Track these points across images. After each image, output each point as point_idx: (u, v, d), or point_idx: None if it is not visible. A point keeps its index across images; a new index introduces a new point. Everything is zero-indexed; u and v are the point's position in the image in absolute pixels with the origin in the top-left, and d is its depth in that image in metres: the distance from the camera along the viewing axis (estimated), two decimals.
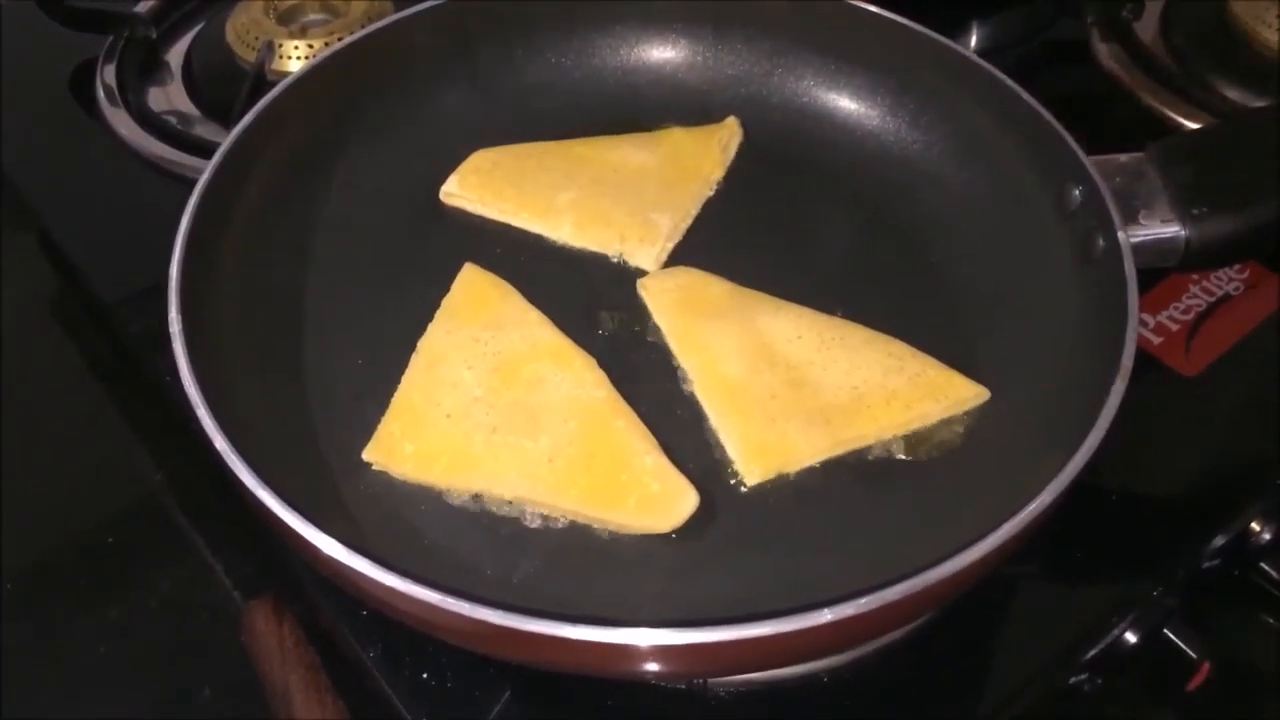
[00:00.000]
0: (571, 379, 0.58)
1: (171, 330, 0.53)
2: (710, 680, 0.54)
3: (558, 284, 0.64)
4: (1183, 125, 0.82)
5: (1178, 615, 0.61)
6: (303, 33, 0.84)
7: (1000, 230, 0.65)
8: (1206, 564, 0.63)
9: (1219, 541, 0.63)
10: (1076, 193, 0.60)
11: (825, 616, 0.42)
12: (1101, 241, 0.58)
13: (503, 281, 0.63)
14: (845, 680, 0.56)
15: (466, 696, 0.55)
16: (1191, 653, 0.60)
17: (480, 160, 0.70)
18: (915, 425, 0.58)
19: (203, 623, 0.66)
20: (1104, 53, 0.88)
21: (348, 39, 0.70)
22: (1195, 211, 0.57)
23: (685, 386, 0.60)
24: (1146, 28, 0.91)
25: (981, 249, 0.65)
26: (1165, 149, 0.60)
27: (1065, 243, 0.61)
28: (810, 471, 0.56)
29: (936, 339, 0.61)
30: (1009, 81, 0.65)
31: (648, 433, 0.56)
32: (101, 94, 0.85)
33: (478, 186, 0.68)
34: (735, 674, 0.54)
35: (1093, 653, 0.58)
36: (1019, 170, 0.65)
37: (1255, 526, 0.63)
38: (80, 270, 0.77)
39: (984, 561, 0.45)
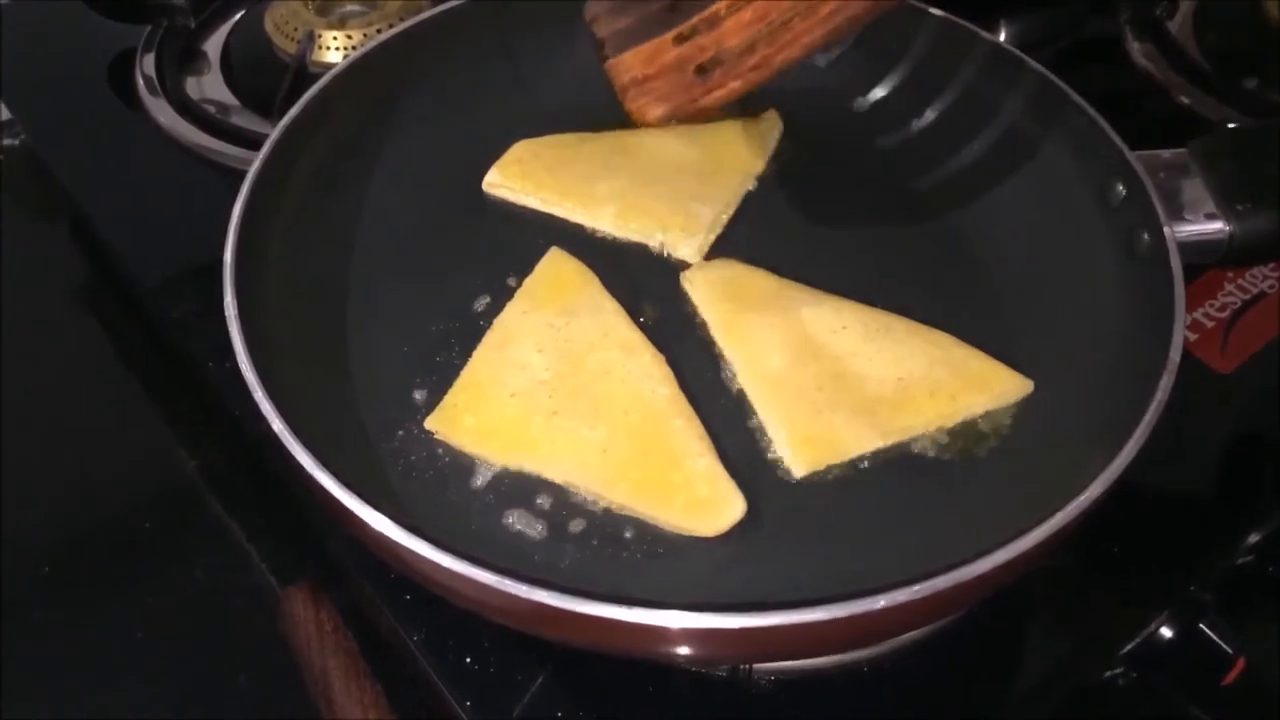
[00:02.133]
0: (638, 372, 0.58)
1: (227, 314, 0.54)
2: (754, 669, 0.55)
3: (600, 274, 0.64)
4: (1216, 123, 0.83)
5: (1213, 611, 0.61)
6: (341, 24, 0.85)
7: (1043, 225, 0.65)
8: (1241, 560, 0.63)
9: (1254, 538, 0.63)
10: (1120, 188, 0.61)
11: (879, 603, 0.42)
12: (1146, 237, 0.58)
13: (585, 268, 0.64)
14: (884, 669, 0.56)
15: (509, 680, 0.55)
16: (1227, 648, 0.61)
17: (522, 150, 0.70)
18: (960, 417, 0.58)
19: (239, 609, 0.66)
20: (1137, 51, 0.89)
21: (391, 30, 0.70)
22: (1240, 207, 0.58)
23: (729, 378, 0.60)
24: (1179, 26, 0.91)
25: (1024, 243, 0.65)
26: (1208, 145, 0.61)
27: (1109, 238, 0.61)
28: (855, 463, 0.56)
29: (980, 332, 0.61)
30: (1052, 77, 0.66)
31: (705, 435, 0.56)
32: (141, 83, 0.86)
33: (520, 176, 0.69)
34: (785, 659, 0.54)
35: (1129, 647, 0.59)
36: (1062, 165, 0.65)
37: None
38: (119, 257, 0.78)
39: (1032, 553, 0.45)
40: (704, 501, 0.54)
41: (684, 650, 0.46)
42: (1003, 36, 0.91)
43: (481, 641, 0.56)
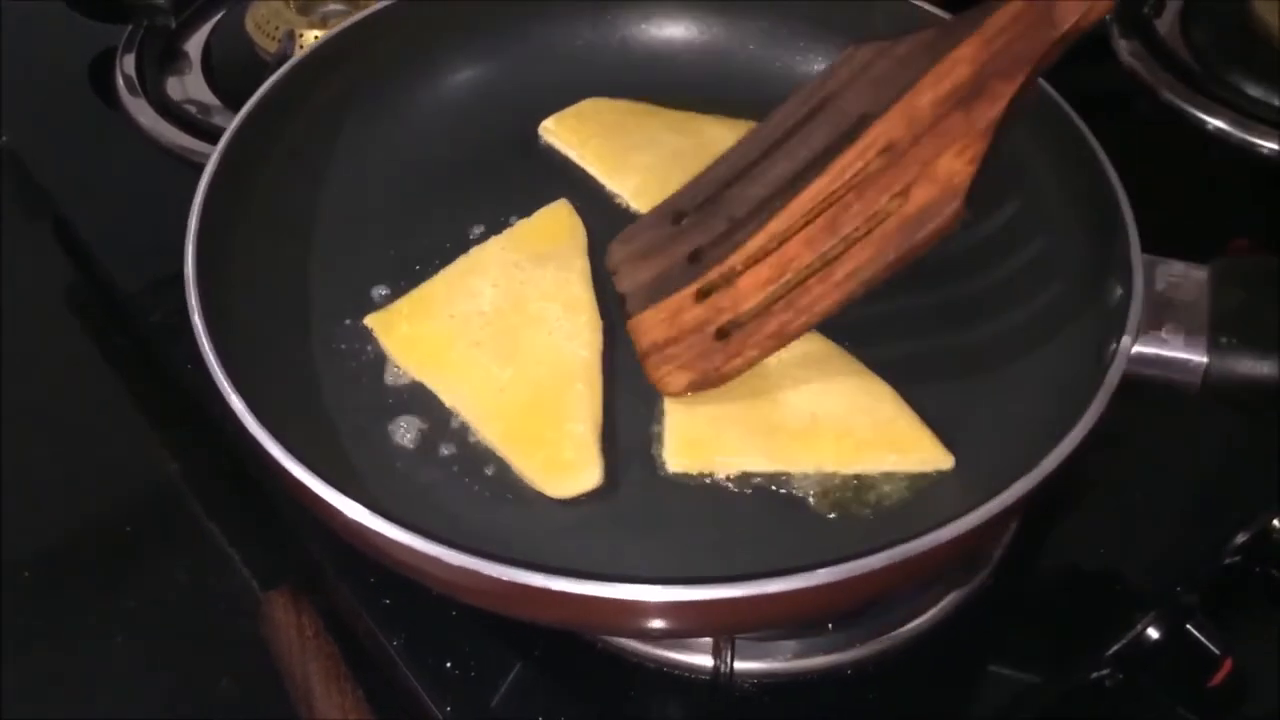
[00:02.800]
0: (568, 329, 0.59)
1: (190, 304, 0.53)
2: (735, 672, 0.55)
3: (598, 235, 0.64)
4: (1203, 122, 0.83)
5: (1200, 612, 0.61)
6: (323, 23, 0.84)
7: (1036, 306, 0.61)
8: (1228, 561, 0.63)
9: (1240, 539, 0.63)
10: (1118, 289, 0.54)
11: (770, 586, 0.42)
12: (1114, 346, 0.52)
13: (580, 226, 0.65)
14: (868, 672, 0.56)
15: (490, 684, 0.55)
16: (1214, 649, 0.60)
17: (588, 106, 0.72)
18: (858, 468, 0.55)
19: (220, 613, 0.66)
20: (1124, 49, 0.88)
21: None
22: (1223, 340, 0.51)
23: None
24: (1167, 24, 0.91)
25: (1010, 318, 0.61)
26: (1227, 267, 0.54)
27: (1091, 339, 0.55)
28: (738, 480, 0.55)
29: (928, 396, 0.57)
30: (1096, 147, 0.61)
31: (599, 406, 0.56)
32: (121, 83, 0.85)
33: (572, 130, 0.71)
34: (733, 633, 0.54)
35: (1115, 648, 0.58)
36: (1078, 251, 0.60)
37: (1276, 524, 0.63)
38: (99, 259, 0.77)
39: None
40: (562, 463, 0.54)
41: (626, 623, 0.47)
42: None
43: (462, 646, 0.56)
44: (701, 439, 0.55)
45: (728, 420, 0.56)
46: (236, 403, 0.48)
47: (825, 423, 0.56)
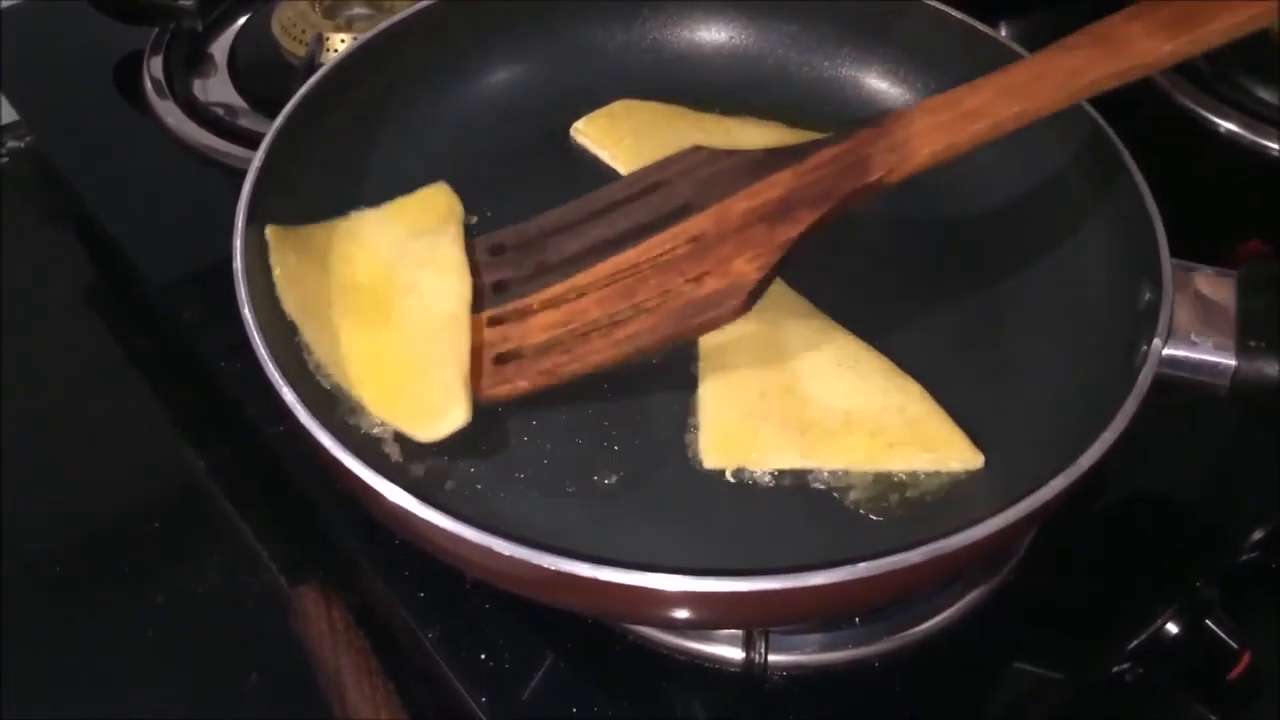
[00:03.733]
0: (439, 291, 0.59)
1: (240, 297, 0.54)
2: (770, 664, 0.56)
3: None
4: (1214, 124, 0.84)
5: (1219, 607, 0.61)
6: (348, 26, 0.85)
7: (1058, 308, 0.62)
8: (1245, 557, 0.64)
9: (1257, 535, 0.63)
10: (1148, 294, 0.55)
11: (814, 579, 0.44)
12: (1145, 349, 0.53)
13: (459, 205, 0.66)
14: (895, 665, 0.57)
15: (525, 677, 0.56)
16: (1233, 643, 0.61)
17: (619, 108, 0.72)
18: (891, 465, 0.55)
19: (250, 609, 0.66)
20: None
21: None
22: (1252, 343, 0.52)
23: (692, 358, 0.60)
24: None
25: (1044, 321, 0.62)
26: (1254, 272, 0.55)
27: (1120, 342, 0.56)
28: (771, 476, 0.55)
29: (960, 394, 0.58)
30: (1120, 147, 0.62)
31: (464, 353, 0.57)
32: (149, 85, 0.86)
33: (604, 130, 0.71)
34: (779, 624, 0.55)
35: (1135, 643, 0.59)
36: (1107, 250, 0.61)
37: None
38: (128, 259, 0.78)
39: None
40: (427, 407, 0.55)
41: (670, 611, 0.47)
42: (1003, 35, 0.91)
43: (495, 638, 0.57)
44: (737, 435, 0.56)
45: (762, 417, 0.57)
46: (288, 394, 0.49)
47: (858, 421, 0.57)
